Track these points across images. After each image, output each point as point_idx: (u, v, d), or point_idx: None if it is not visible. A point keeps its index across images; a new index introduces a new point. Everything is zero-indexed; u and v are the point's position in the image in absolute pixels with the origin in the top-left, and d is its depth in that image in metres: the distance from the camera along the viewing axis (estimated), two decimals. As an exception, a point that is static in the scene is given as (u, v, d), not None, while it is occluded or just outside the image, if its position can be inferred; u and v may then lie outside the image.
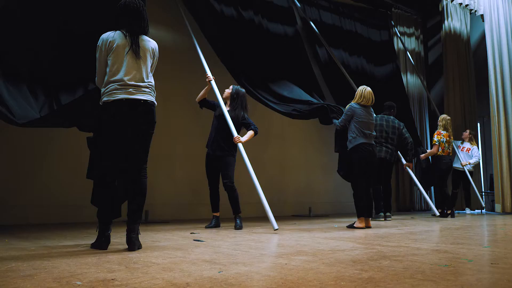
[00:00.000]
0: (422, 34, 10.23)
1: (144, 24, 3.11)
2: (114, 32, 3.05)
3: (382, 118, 6.41)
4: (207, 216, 6.15)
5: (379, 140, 6.26)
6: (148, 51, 3.11)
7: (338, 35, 7.96)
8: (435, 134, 7.14)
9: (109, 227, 3.06)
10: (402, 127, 6.46)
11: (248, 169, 4.75)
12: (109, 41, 3.00)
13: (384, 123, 6.36)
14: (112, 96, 2.94)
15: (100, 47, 3.03)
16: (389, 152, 6.30)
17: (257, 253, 2.76)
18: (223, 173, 4.83)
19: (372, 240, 3.61)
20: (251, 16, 6.54)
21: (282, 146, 7.35)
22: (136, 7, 3.08)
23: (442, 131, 7.12)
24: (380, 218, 6.32)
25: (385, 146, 6.29)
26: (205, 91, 5.15)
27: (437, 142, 7.02)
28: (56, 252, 2.83)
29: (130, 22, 3.05)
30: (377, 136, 6.16)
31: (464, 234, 4.09)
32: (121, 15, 3.08)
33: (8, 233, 3.99)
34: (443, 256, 2.66)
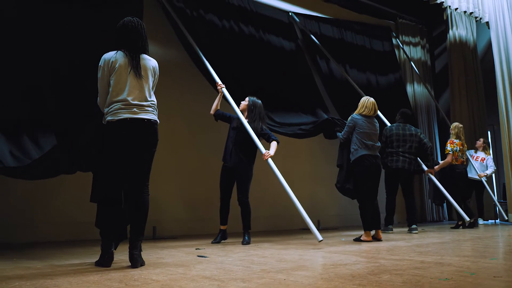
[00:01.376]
0: (428, 43, 10.21)
1: (144, 42, 3.15)
2: (116, 52, 3.09)
3: (398, 126, 6.17)
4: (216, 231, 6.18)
5: (396, 150, 6.05)
6: (149, 70, 3.15)
7: (339, 46, 7.96)
8: (448, 143, 6.99)
9: (113, 245, 3.09)
10: (419, 133, 6.23)
11: (282, 183, 4.74)
12: (111, 61, 3.04)
13: (400, 131, 6.11)
14: (116, 116, 2.98)
15: (102, 67, 3.07)
16: (407, 161, 6.03)
17: (258, 269, 2.76)
18: (241, 187, 4.78)
19: (376, 253, 3.58)
20: (252, 31, 6.58)
21: (289, 159, 7.34)
22: (135, 26, 3.13)
23: (455, 140, 6.98)
24: (389, 231, 6.12)
25: (402, 156, 6.03)
26: (218, 101, 5.12)
27: (451, 151, 6.87)
28: (61, 270, 2.86)
29: (129, 41, 3.09)
30: (393, 146, 6.04)
31: (472, 246, 4.04)
32: (120, 35, 3.13)
33: (18, 252, 4.04)
34: (446, 269, 2.63)
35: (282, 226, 7.28)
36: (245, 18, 6.65)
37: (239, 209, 4.84)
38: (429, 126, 9.59)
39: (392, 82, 8.63)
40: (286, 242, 4.78)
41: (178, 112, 6.41)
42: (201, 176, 6.45)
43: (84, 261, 3.30)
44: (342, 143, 5.17)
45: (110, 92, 3.04)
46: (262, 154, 4.75)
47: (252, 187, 5.00)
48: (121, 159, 3.03)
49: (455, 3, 7.46)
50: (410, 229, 6.08)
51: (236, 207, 4.91)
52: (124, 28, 3.12)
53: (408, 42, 9.75)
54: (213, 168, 6.63)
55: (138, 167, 3.07)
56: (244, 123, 4.83)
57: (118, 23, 3.17)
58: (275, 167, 4.79)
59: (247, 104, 5.01)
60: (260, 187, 6.64)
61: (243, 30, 6.50)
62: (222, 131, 5.78)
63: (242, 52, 6.33)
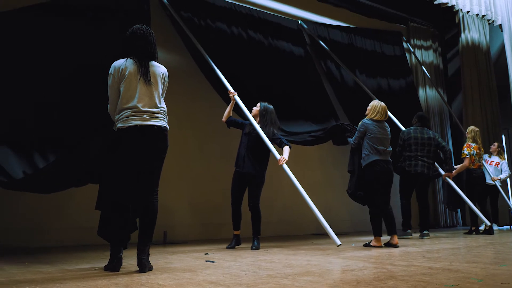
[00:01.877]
0: (440, 47, 10.13)
1: (153, 49, 3.19)
2: (125, 59, 3.13)
3: (415, 130, 6.07)
4: (227, 236, 6.18)
5: (414, 154, 5.94)
6: (158, 76, 3.18)
7: (349, 51, 7.92)
8: (465, 147, 6.88)
9: (121, 250, 3.12)
10: (437, 137, 6.14)
11: (298, 188, 4.76)
12: (121, 69, 3.08)
13: (418, 135, 6.00)
14: (126, 123, 3.02)
15: (112, 74, 3.11)
16: (426, 165, 5.93)
17: (264, 274, 2.77)
18: (252, 193, 4.80)
19: (385, 259, 3.57)
20: (260, 38, 6.60)
21: (300, 166, 7.31)
22: (144, 33, 3.17)
23: (471, 144, 6.87)
24: (407, 236, 5.96)
25: (421, 160, 5.93)
26: (230, 108, 5.14)
27: (468, 155, 6.76)
28: (70, 275, 2.90)
29: (139, 48, 3.13)
30: (411, 150, 5.95)
31: (483, 252, 4.00)
32: (129, 42, 3.17)
33: (30, 256, 4.10)
34: (453, 275, 2.61)
35: (293, 231, 7.27)
36: (253, 25, 6.68)
37: (249, 214, 4.85)
38: (442, 130, 9.51)
39: (403, 87, 8.57)
40: (295, 248, 4.77)
41: (188, 118, 6.45)
42: (212, 181, 6.47)
43: (94, 266, 3.34)
44: (353, 148, 5.13)
45: (120, 99, 3.08)
46: (277, 159, 4.74)
47: (264, 192, 5.01)
48: (132, 165, 3.07)
49: (466, 6, 7.41)
50: (422, 235, 6.01)
51: (246, 212, 4.92)
52: (133, 36, 3.17)
53: (419, 46, 9.69)
54: (223, 174, 6.65)
55: (148, 173, 3.11)
56: (257, 129, 4.84)
57: (127, 31, 3.22)
58: (290, 172, 4.78)
59: (258, 109, 5.03)
60: (271, 192, 6.66)
61: (252, 37, 6.53)
62: (231, 137, 5.82)
63: (251, 59, 6.35)
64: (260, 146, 4.87)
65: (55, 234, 5.27)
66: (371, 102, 5.14)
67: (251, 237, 4.84)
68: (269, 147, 4.78)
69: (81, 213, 5.40)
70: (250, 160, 4.83)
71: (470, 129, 7.08)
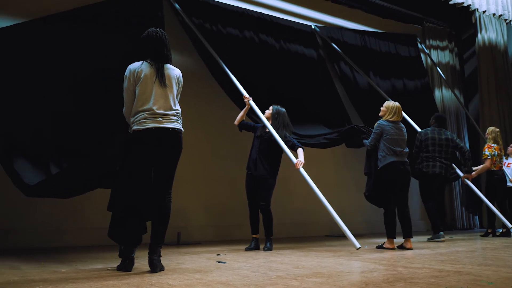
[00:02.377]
0: (456, 47, 9.99)
1: (167, 52, 3.25)
2: (141, 62, 3.18)
3: (433, 131, 6.00)
4: (240, 237, 6.21)
5: (432, 155, 5.87)
6: (173, 79, 3.22)
7: (362, 53, 7.86)
8: (486, 148, 6.76)
9: (133, 250, 3.17)
10: (455, 138, 6.08)
11: (314, 190, 4.77)
12: (136, 72, 3.13)
13: (436, 135, 5.94)
14: (142, 125, 3.07)
15: (128, 77, 3.16)
16: (444, 167, 5.86)
17: (274, 275, 2.78)
18: (263, 195, 4.83)
19: (396, 261, 3.55)
20: (272, 42, 6.61)
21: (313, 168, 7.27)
22: (159, 36, 3.22)
23: (492, 144, 6.75)
24: (439, 238, 5.71)
25: (439, 161, 5.85)
26: (244, 113, 5.17)
27: (489, 156, 6.64)
28: (84, 274, 2.96)
29: (154, 51, 3.19)
30: (429, 150, 5.89)
31: (497, 255, 3.95)
32: (145, 45, 3.22)
33: (46, 256, 4.18)
34: (464, 278, 2.59)
35: (306, 233, 7.26)
36: (265, 29, 6.67)
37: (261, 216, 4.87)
38: (458, 131, 9.38)
39: (419, 88, 8.47)
40: (308, 249, 4.77)
41: (201, 120, 6.49)
42: (226, 183, 6.51)
43: (107, 266, 3.39)
44: (369, 150, 5.10)
45: (135, 101, 3.13)
46: (294, 163, 4.74)
47: (277, 194, 5.02)
48: (146, 167, 3.12)
49: (483, 5, 7.33)
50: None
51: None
52: (149, 39, 3.22)
53: (435, 46, 9.58)
54: (236, 175, 6.68)
55: (162, 175, 3.15)
56: (272, 131, 4.84)
57: (143, 34, 3.27)
58: (306, 175, 4.78)
59: (271, 112, 5.06)
60: (285, 194, 6.66)
61: (263, 41, 6.52)
62: (244, 139, 5.84)
63: (262, 63, 6.35)
64: (271, 149, 4.89)
65: (72, 235, 5.35)
66: (385, 103, 5.12)
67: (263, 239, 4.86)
68: (284, 149, 4.78)
69: (98, 214, 5.47)
70: (262, 163, 4.85)
71: (491, 129, 6.96)
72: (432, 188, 5.95)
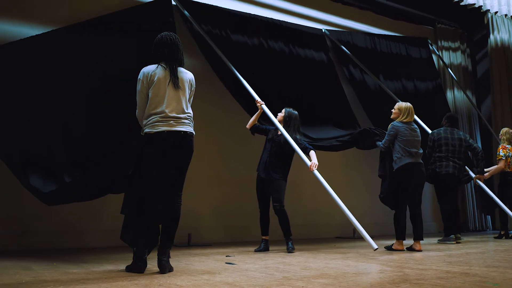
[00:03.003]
0: (468, 48, 9.92)
1: (180, 55, 3.30)
2: (155, 65, 3.23)
3: (446, 130, 5.97)
4: (251, 238, 6.25)
5: (445, 155, 5.83)
6: (186, 82, 3.27)
7: (373, 55, 7.84)
8: (500, 149, 6.69)
9: (146, 252, 3.21)
10: (468, 138, 6.04)
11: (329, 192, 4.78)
12: (150, 75, 3.18)
13: (449, 135, 5.90)
14: (154, 128, 3.11)
15: (142, 80, 3.20)
16: (457, 167, 5.81)
17: (280, 276, 2.82)
18: (274, 196, 4.84)
19: (404, 262, 3.55)
20: (281, 46, 6.61)
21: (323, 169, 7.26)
22: (172, 40, 3.28)
23: (507, 145, 6.68)
24: (450, 241, 5.71)
25: (452, 161, 5.80)
26: (256, 117, 5.19)
27: (504, 157, 6.57)
28: (94, 276, 3.01)
29: (167, 54, 3.23)
30: (442, 150, 5.85)
31: (507, 257, 3.93)
32: (158, 49, 3.27)
33: (59, 257, 4.25)
34: (469, 279, 2.60)
35: (317, 234, 7.27)
36: (274, 33, 6.68)
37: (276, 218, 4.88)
38: (470, 132, 9.31)
39: (431, 89, 8.42)
40: (317, 251, 4.79)
41: (212, 123, 6.54)
42: (236, 185, 6.55)
43: (118, 267, 3.45)
44: (383, 152, 5.09)
45: (148, 104, 3.17)
46: (308, 166, 4.75)
47: (287, 196, 5.02)
48: (158, 170, 3.15)
49: (494, 6, 7.29)
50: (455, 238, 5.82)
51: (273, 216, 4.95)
52: (162, 42, 3.27)
53: (447, 47, 9.52)
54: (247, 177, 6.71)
55: (173, 178, 3.20)
56: (285, 134, 4.84)
57: (156, 38, 3.32)
58: (321, 176, 4.78)
59: (283, 115, 5.08)
60: (294, 195, 6.67)
61: (272, 45, 6.53)
62: (251, 141, 5.88)
63: (272, 67, 6.36)
64: (283, 152, 4.91)
65: (88, 236, 5.43)
66: (397, 105, 5.10)
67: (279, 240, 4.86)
68: (298, 152, 4.77)
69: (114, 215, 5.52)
70: (273, 165, 4.88)
71: (505, 130, 6.89)
72: (446, 189, 5.89)
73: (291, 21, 7.69)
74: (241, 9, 6.96)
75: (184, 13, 5.95)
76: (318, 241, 6.46)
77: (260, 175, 4.97)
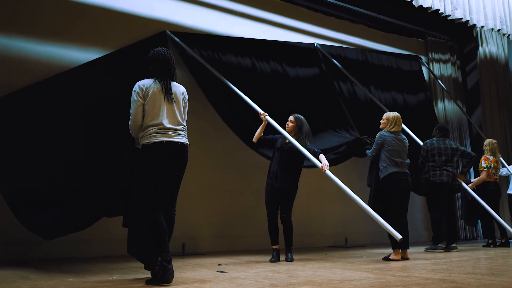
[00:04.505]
0: (459, 60, 10.15)
1: (172, 69, 3.40)
2: (150, 80, 3.33)
3: (438, 141, 6.13)
4: (244, 247, 6.38)
5: (438, 164, 5.99)
6: (180, 95, 3.39)
7: (363, 68, 7.98)
8: (482, 160, 6.84)
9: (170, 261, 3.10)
10: (459, 146, 6.21)
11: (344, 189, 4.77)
12: (145, 87, 3.27)
13: (441, 145, 6.07)
14: (152, 139, 3.20)
15: (137, 92, 3.28)
16: (450, 176, 5.97)
17: (268, 283, 2.95)
18: (284, 206, 4.86)
19: (388, 270, 3.69)
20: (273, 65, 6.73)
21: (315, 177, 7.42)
22: (164, 55, 3.39)
23: (489, 156, 6.85)
24: (438, 249, 5.85)
25: (446, 170, 5.97)
26: (261, 129, 5.15)
27: (485, 168, 6.74)
28: (90, 285, 3.11)
29: (160, 69, 3.34)
30: (435, 160, 6.01)
31: (489, 264, 4.07)
32: (151, 64, 3.39)
33: (55, 266, 4.35)
34: (446, 286, 2.74)
35: (311, 243, 7.36)
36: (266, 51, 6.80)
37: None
38: (461, 142, 9.50)
39: (420, 102, 8.54)
40: (307, 259, 4.92)
41: (204, 133, 6.63)
42: (229, 195, 6.69)
43: (111, 277, 3.54)
44: (372, 161, 5.17)
45: (145, 117, 3.25)
46: (320, 167, 4.74)
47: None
48: (158, 179, 3.21)
49: (481, 21, 7.48)
50: (449, 248, 5.96)
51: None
52: (155, 57, 3.38)
53: (438, 59, 9.74)
54: (240, 187, 6.87)
55: (169, 188, 3.29)
56: (292, 141, 4.83)
57: (149, 53, 3.44)
58: (333, 176, 4.80)
59: (294, 125, 5.02)
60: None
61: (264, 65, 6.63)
62: (245, 151, 6.02)
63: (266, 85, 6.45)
64: (292, 160, 4.89)
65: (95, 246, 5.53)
66: (385, 114, 5.17)
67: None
68: (307, 155, 4.77)
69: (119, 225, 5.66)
70: (282, 175, 4.86)
71: (488, 141, 7.06)
72: (438, 198, 6.02)
73: (284, 34, 7.90)
74: (234, 24, 7.16)
75: (174, 39, 6.09)
76: (310, 250, 6.58)
77: (272, 184, 4.91)
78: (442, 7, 7.04)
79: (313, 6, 8.37)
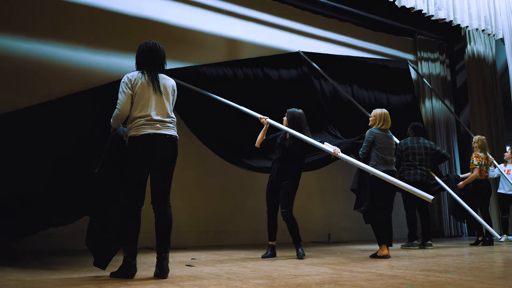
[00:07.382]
0: (448, 59, 10.23)
1: (162, 63, 3.43)
2: (137, 71, 3.37)
3: (412, 140, 6.26)
4: (227, 242, 6.53)
5: (412, 163, 6.12)
6: (169, 87, 3.42)
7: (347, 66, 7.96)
8: (473, 157, 6.83)
9: (135, 257, 3.22)
10: (433, 145, 6.33)
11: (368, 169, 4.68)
12: (134, 79, 3.31)
13: (415, 144, 6.20)
14: (140, 131, 3.22)
15: (126, 82, 3.30)
16: (425, 174, 6.13)
17: (225, 277, 3.09)
18: (283, 202, 4.81)
19: (349, 266, 3.82)
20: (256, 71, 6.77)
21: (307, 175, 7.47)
22: (154, 47, 3.42)
23: (479, 153, 6.84)
24: (413, 246, 6.07)
25: (420, 169, 6.12)
26: (263, 133, 5.12)
27: (478, 165, 6.72)
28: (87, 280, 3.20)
29: (149, 61, 3.38)
30: (409, 159, 6.13)
31: (452, 262, 4.17)
32: (141, 56, 3.42)
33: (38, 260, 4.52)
34: (391, 281, 2.86)
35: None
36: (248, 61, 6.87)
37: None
38: (448, 141, 9.60)
39: (405, 102, 8.52)
40: (281, 255, 4.94)
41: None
42: (214, 189, 6.84)
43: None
44: (364, 159, 5.02)
45: (132, 108, 3.29)
46: (332, 152, 4.72)
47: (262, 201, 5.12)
48: (144, 172, 3.27)
49: (465, 21, 7.55)
50: (424, 244, 6.09)
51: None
52: (144, 50, 3.41)
53: (426, 58, 9.83)
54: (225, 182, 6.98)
55: (160, 181, 3.30)
56: (294, 133, 4.80)
57: (139, 46, 3.46)
58: (350, 158, 4.76)
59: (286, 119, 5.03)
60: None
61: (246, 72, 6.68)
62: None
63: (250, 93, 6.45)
64: (291, 155, 4.89)
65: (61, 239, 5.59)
66: (374, 111, 5.12)
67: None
68: (314, 143, 4.75)
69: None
70: (282, 170, 4.88)
71: (477, 138, 7.03)
72: (414, 197, 6.09)
73: (271, 32, 7.98)
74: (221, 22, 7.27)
75: None
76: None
77: (273, 181, 4.93)
78: (425, 7, 7.11)
79: (301, 5, 8.47)
